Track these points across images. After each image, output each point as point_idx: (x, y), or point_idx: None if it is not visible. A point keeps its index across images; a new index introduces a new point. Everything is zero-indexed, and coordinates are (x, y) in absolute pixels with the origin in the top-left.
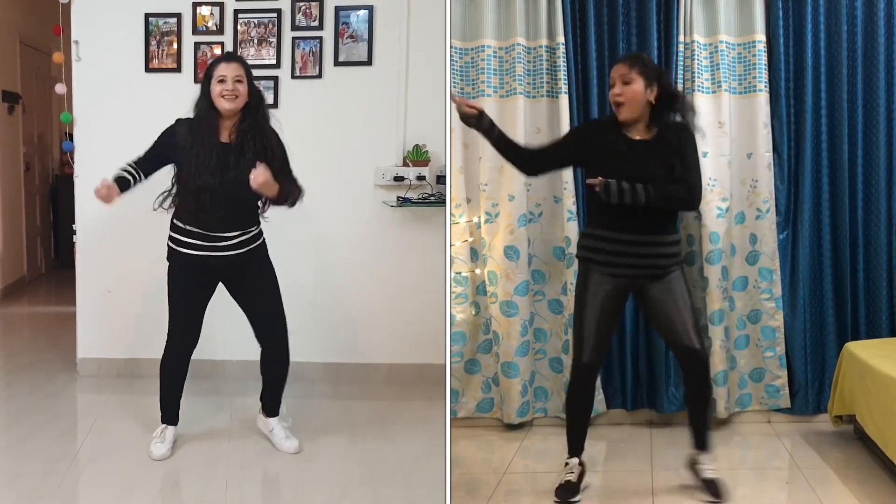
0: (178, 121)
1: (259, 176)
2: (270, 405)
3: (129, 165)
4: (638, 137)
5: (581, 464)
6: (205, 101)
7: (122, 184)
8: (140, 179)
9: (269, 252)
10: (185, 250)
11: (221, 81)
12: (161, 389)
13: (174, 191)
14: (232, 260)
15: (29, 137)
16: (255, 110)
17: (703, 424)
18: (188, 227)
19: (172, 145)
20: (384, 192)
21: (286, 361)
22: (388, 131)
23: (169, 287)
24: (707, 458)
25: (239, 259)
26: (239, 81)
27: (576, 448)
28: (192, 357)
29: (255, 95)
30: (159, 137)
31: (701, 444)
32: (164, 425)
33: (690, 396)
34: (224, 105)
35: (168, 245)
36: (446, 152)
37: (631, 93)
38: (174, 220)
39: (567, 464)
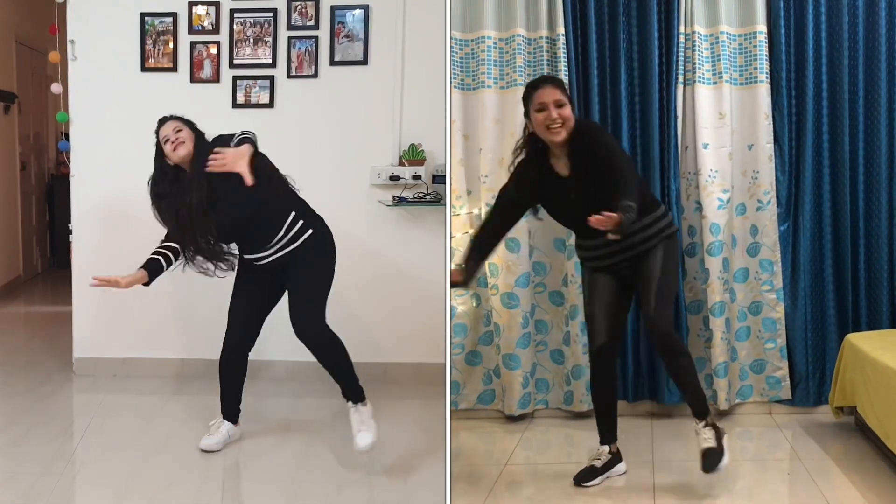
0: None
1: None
2: (345, 390)
3: None
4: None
5: (612, 452)
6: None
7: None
8: None
9: None
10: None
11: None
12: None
13: None
14: (279, 260)
15: (25, 137)
16: None
17: (692, 393)
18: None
19: None
20: (380, 192)
21: (327, 344)
22: (384, 131)
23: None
24: (702, 426)
25: (285, 258)
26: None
27: (605, 435)
28: (188, 357)
29: None
30: None
31: (697, 413)
32: (220, 419)
33: (671, 372)
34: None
35: None
36: (446, 145)
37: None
38: None
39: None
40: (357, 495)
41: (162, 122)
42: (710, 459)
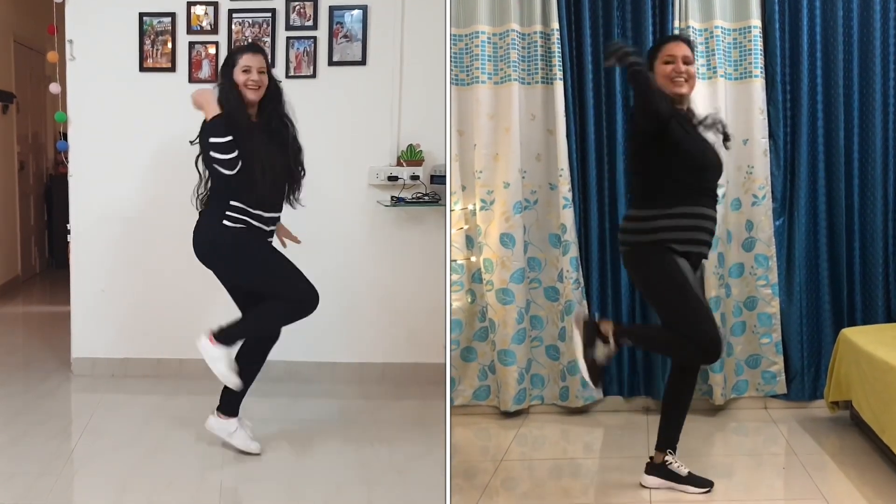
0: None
1: None
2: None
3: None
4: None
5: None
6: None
7: None
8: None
9: None
10: (255, 223)
11: (246, 71)
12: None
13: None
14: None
15: (23, 137)
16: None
17: (680, 418)
18: (255, 211)
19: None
20: (378, 192)
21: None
22: (382, 131)
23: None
24: (675, 455)
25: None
26: (262, 72)
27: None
28: (186, 357)
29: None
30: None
31: (675, 441)
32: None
33: (685, 389)
34: (250, 96)
35: (231, 226)
36: (446, 146)
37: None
38: (239, 204)
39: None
40: (356, 495)
41: (244, 50)
42: (700, 478)
